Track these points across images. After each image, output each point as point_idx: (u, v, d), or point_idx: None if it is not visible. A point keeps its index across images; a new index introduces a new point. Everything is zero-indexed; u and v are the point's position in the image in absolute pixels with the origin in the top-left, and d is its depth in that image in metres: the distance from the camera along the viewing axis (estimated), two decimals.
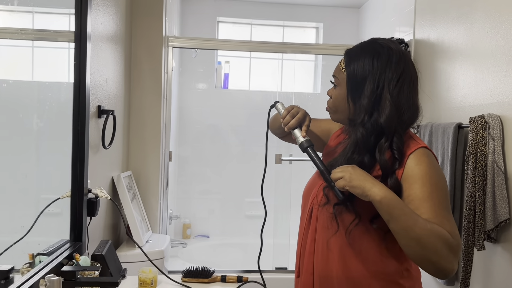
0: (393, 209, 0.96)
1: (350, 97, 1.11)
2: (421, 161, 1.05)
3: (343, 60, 1.16)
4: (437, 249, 0.94)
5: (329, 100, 1.19)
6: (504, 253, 1.71)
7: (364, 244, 1.10)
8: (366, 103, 1.08)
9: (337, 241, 1.11)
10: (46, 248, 1.32)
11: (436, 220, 0.97)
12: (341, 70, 1.15)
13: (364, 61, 1.10)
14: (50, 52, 1.45)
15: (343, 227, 1.09)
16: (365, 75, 1.09)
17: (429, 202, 1.00)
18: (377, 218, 1.03)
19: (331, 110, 1.19)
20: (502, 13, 1.77)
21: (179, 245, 3.38)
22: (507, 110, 1.71)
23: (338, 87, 1.15)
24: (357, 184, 0.98)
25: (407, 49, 2.57)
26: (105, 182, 2.01)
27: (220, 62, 3.81)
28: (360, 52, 1.13)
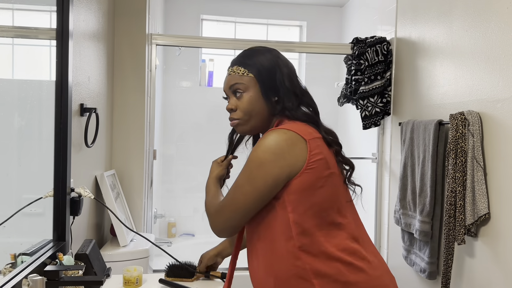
0: (205, 190, 1.34)
1: (268, 91, 1.17)
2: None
3: (236, 68, 1.19)
4: (206, 210, 1.25)
5: (235, 112, 1.19)
6: (483, 247, 1.76)
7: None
8: (288, 87, 1.17)
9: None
10: (29, 248, 1.31)
11: (229, 189, 1.15)
12: (242, 75, 1.18)
13: (261, 58, 1.19)
14: (31, 49, 1.43)
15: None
16: (272, 65, 1.18)
17: (238, 175, 1.14)
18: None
19: (242, 120, 1.18)
20: (480, 12, 1.81)
21: (164, 244, 3.37)
22: (486, 107, 1.75)
23: (246, 93, 1.17)
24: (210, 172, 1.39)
25: (389, 47, 2.61)
26: (88, 181, 2.00)
27: (204, 60, 3.81)
28: (251, 54, 1.21)
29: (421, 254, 2.08)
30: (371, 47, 2.58)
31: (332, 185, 1.10)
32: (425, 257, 2.04)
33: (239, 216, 1.11)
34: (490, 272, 1.71)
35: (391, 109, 2.63)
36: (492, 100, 1.71)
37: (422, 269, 2.06)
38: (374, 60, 2.58)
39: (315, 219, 1.07)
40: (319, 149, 1.08)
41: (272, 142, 1.06)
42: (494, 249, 1.69)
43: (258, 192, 1.07)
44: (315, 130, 1.13)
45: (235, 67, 1.19)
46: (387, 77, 2.60)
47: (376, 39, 2.61)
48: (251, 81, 1.17)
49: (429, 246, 2.01)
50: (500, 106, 1.67)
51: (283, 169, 1.05)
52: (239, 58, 1.21)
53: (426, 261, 2.03)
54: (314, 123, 1.15)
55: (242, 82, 1.17)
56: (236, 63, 1.20)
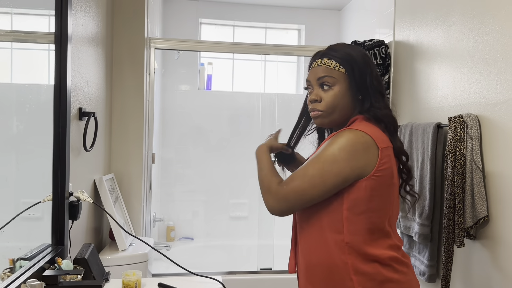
0: (257, 157, 1.26)
1: (357, 88, 1.18)
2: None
3: (327, 61, 1.19)
4: (262, 185, 1.19)
5: (319, 104, 1.19)
6: (482, 249, 1.75)
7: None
8: (376, 87, 1.18)
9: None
10: (27, 253, 1.30)
11: (292, 175, 1.15)
12: (333, 69, 1.17)
13: (353, 54, 1.19)
14: (29, 54, 1.43)
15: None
16: (364, 64, 1.19)
17: (304, 164, 1.15)
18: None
19: (325, 113, 1.19)
20: (478, 15, 1.82)
21: (163, 247, 3.36)
22: (484, 109, 1.75)
23: (335, 86, 1.17)
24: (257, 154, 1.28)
25: (387, 50, 2.62)
26: (86, 185, 1.99)
27: (203, 63, 3.81)
28: (343, 49, 1.20)
29: (420, 257, 2.08)
30: (369, 50, 2.59)
31: (390, 196, 1.15)
32: (424, 260, 2.04)
33: (301, 204, 1.12)
34: (489, 274, 1.71)
35: None
36: (491, 103, 1.72)
37: (421, 272, 2.06)
38: None
39: (367, 223, 1.12)
40: (388, 158, 1.12)
41: (349, 142, 1.09)
42: (494, 252, 1.69)
43: (327, 186, 1.09)
44: (387, 138, 1.16)
45: (326, 60, 1.19)
46: (385, 80, 2.61)
47: (374, 42, 2.61)
48: (341, 76, 1.17)
49: (429, 249, 2.01)
50: (498, 108, 1.67)
51: (354, 170, 1.09)
52: (330, 52, 1.20)
53: (425, 264, 2.03)
54: (395, 128, 1.20)
55: (333, 76, 1.17)
56: (327, 56, 1.20)
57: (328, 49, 1.22)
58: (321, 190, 1.10)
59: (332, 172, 1.08)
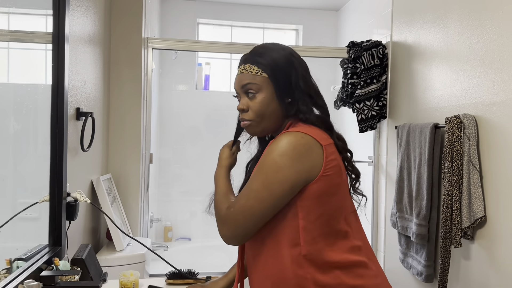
0: (214, 181, 1.19)
1: (282, 92, 1.12)
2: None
3: (249, 66, 1.13)
4: (215, 213, 1.12)
5: (247, 113, 1.13)
6: (479, 249, 1.76)
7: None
8: (303, 88, 1.12)
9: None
10: (24, 253, 1.30)
11: (237, 195, 1.08)
12: (256, 74, 1.11)
13: (275, 56, 1.13)
14: (27, 53, 1.42)
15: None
16: (286, 65, 1.13)
17: (250, 178, 1.07)
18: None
19: (254, 122, 1.13)
20: (475, 16, 1.82)
21: (160, 248, 3.36)
22: (482, 110, 1.76)
23: (259, 93, 1.11)
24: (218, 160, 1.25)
25: (385, 51, 2.62)
26: (84, 185, 1.99)
27: (200, 63, 3.81)
28: (264, 51, 1.14)
29: (418, 257, 2.08)
30: (367, 51, 2.59)
31: (342, 193, 1.09)
32: (422, 260, 2.04)
33: (253, 223, 1.03)
34: (486, 274, 1.72)
35: (387, 112, 2.63)
36: (488, 104, 1.72)
37: (419, 272, 2.06)
38: (370, 64, 2.59)
39: (324, 227, 1.05)
40: (334, 155, 1.06)
41: (289, 146, 1.02)
42: (491, 252, 1.70)
43: (275, 198, 1.01)
44: (328, 135, 1.10)
45: (248, 65, 1.13)
46: (383, 80, 2.61)
47: (372, 42, 2.62)
48: (264, 81, 1.11)
49: (426, 249, 2.02)
50: (495, 109, 1.68)
51: (300, 174, 1.01)
52: (252, 56, 1.14)
53: (423, 264, 2.03)
54: (327, 127, 1.12)
55: (255, 82, 1.11)
56: (249, 61, 1.13)
57: (250, 53, 1.16)
58: (269, 203, 1.01)
59: (278, 182, 1.00)
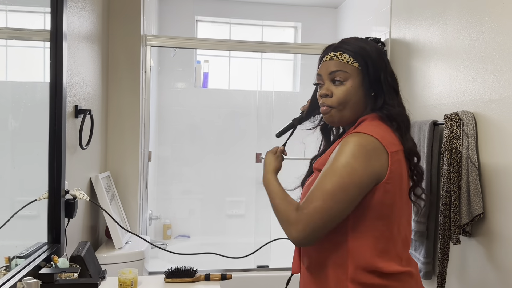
0: (266, 187, 1.18)
1: (371, 85, 1.13)
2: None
3: (340, 54, 1.13)
4: (279, 216, 1.09)
5: (330, 99, 1.13)
6: (478, 246, 1.76)
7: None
8: (391, 84, 1.14)
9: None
10: (23, 251, 1.30)
11: (307, 196, 1.05)
12: (346, 63, 1.12)
13: (368, 49, 1.14)
14: (24, 51, 1.42)
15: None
16: (378, 59, 1.14)
17: (318, 180, 1.06)
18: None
19: (337, 108, 1.13)
20: (474, 13, 1.82)
21: (159, 246, 3.36)
22: (480, 107, 1.76)
23: (347, 82, 1.11)
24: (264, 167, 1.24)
25: (384, 48, 2.62)
26: (83, 183, 1.99)
27: (199, 61, 3.80)
28: (356, 43, 1.15)
29: (416, 254, 2.09)
30: None
31: (398, 202, 1.10)
32: (420, 257, 2.05)
33: (328, 225, 1.03)
34: (485, 271, 1.72)
35: None
36: (486, 101, 1.72)
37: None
38: None
39: (375, 232, 1.08)
40: (398, 163, 1.07)
41: (361, 148, 1.03)
42: (489, 249, 1.70)
43: (351, 199, 1.03)
44: (398, 139, 1.10)
45: (339, 53, 1.13)
46: None
47: (370, 40, 2.61)
48: (354, 71, 1.12)
49: (425, 246, 2.02)
50: (494, 106, 1.68)
51: (372, 176, 1.03)
52: (343, 45, 1.14)
53: (421, 261, 2.04)
54: (406, 126, 1.13)
55: (345, 71, 1.12)
56: (340, 49, 1.14)
57: (341, 42, 1.17)
58: (346, 205, 1.02)
59: (353, 183, 1.01)
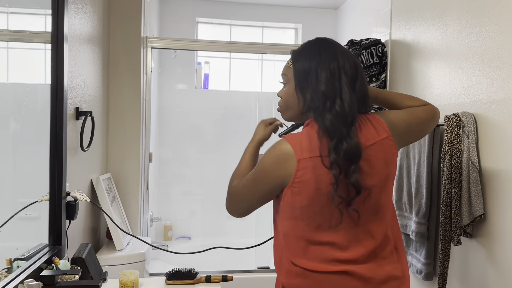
0: (244, 153, 1.33)
1: (299, 88, 1.17)
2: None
3: (289, 59, 1.22)
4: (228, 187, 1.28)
5: (279, 100, 1.26)
6: (479, 247, 1.76)
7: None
8: (324, 88, 1.11)
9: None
10: (24, 253, 1.30)
11: (246, 176, 1.22)
12: (288, 67, 1.21)
13: (310, 52, 1.17)
14: (26, 53, 1.42)
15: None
16: (314, 63, 1.15)
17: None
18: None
19: (282, 108, 1.25)
20: (474, 14, 1.82)
21: (160, 247, 3.36)
22: (481, 108, 1.76)
23: (287, 84, 1.21)
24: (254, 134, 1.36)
25: (384, 49, 2.62)
26: (83, 184, 1.99)
27: (199, 62, 3.80)
28: (306, 47, 1.21)
29: (417, 255, 2.09)
30: (366, 49, 2.59)
31: (316, 204, 1.12)
32: (421, 258, 2.05)
33: (246, 205, 1.22)
34: (486, 272, 1.72)
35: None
36: (487, 102, 1.72)
37: (418, 270, 2.06)
38: (369, 62, 2.59)
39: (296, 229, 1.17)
40: (309, 169, 1.09)
41: (275, 152, 1.13)
42: (490, 250, 1.70)
43: (259, 192, 1.18)
44: (320, 146, 1.08)
45: (289, 58, 1.22)
46: (382, 79, 2.61)
47: (371, 41, 2.61)
48: (291, 73, 1.20)
49: (425, 247, 2.02)
50: (494, 107, 1.68)
51: (276, 180, 1.14)
52: (298, 49, 1.23)
53: (422, 262, 2.03)
54: (335, 133, 1.08)
55: (285, 74, 1.22)
56: (292, 53, 1.22)
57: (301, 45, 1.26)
58: (254, 194, 1.18)
59: (262, 179, 1.16)
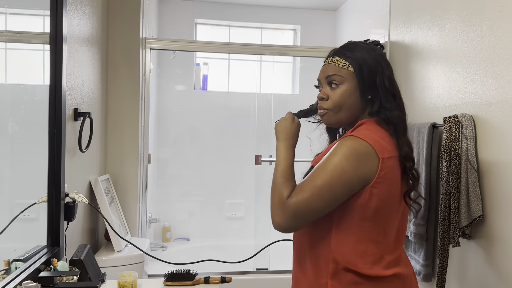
0: (276, 157, 1.20)
1: (366, 88, 1.17)
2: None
3: (337, 59, 1.19)
4: (272, 194, 1.12)
5: (325, 102, 1.19)
6: (478, 248, 1.76)
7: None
8: (388, 88, 1.17)
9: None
10: (23, 254, 1.30)
11: (298, 186, 1.10)
12: (342, 67, 1.18)
13: (364, 53, 1.18)
14: (24, 54, 1.42)
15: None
16: (374, 64, 1.18)
17: (310, 174, 1.11)
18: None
19: (331, 111, 1.19)
20: (473, 16, 1.83)
21: (159, 248, 3.35)
22: (479, 109, 1.76)
23: (342, 85, 1.17)
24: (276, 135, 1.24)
25: (383, 50, 2.62)
26: (82, 186, 1.99)
27: (198, 63, 3.80)
28: (354, 48, 1.20)
29: (416, 256, 2.09)
30: None
31: (389, 206, 1.12)
32: (420, 259, 2.05)
33: (312, 218, 1.09)
34: (485, 273, 1.72)
35: None
36: (485, 103, 1.73)
37: (417, 272, 2.06)
38: None
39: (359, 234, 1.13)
40: (390, 169, 1.10)
41: (353, 150, 1.08)
42: (489, 251, 1.70)
43: (336, 198, 1.08)
44: (393, 145, 1.14)
45: (336, 58, 1.19)
46: None
47: (369, 42, 2.62)
48: (349, 75, 1.17)
49: (424, 249, 2.02)
50: (493, 109, 1.68)
51: (359, 179, 1.08)
52: (342, 50, 1.21)
53: (421, 264, 2.03)
54: (403, 129, 1.17)
55: (340, 75, 1.18)
56: (338, 54, 1.20)
57: (341, 47, 1.23)
58: (330, 203, 1.08)
59: (341, 184, 1.07)
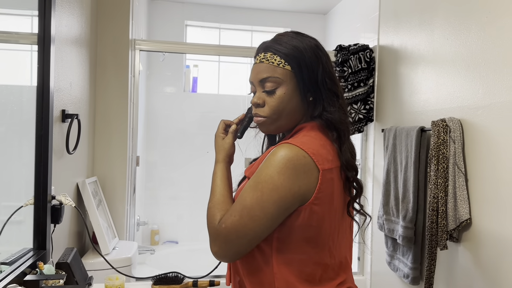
0: (212, 180, 1.09)
1: (307, 89, 1.00)
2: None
3: (270, 56, 1.01)
4: (207, 221, 1.00)
5: (262, 109, 1.03)
6: (465, 251, 1.78)
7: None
8: (329, 86, 1.00)
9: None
10: (8, 258, 1.27)
11: (229, 209, 0.97)
12: (277, 66, 1.00)
13: (300, 46, 1.00)
14: (11, 54, 1.40)
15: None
16: (314, 58, 1.00)
17: (241, 192, 0.97)
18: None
19: (269, 119, 1.02)
20: (461, 21, 1.85)
21: (147, 251, 3.33)
22: (467, 113, 1.78)
23: (279, 88, 1.00)
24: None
25: (372, 54, 2.64)
26: (69, 188, 1.96)
27: (188, 65, 3.79)
28: (288, 40, 1.02)
29: (404, 259, 2.10)
30: (354, 54, 2.61)
31: (330, 222, 0.98)
32: (408, 262, 2.06)
33: (247, 242, 0.94)
34: (472, 276, 1.74)
35: (374, 115, 2.66)
36: (473, 107, 1.75)
37: (405, 275, 2.08)
38: (357, 67, 2.61)
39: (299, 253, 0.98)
40: (330, 182, 0.95)
41: (289, 163, 0.91)
42: (476, 254, 1.72)
43: (269, 218, 0.92)
44: (335, 153, 0.98)
45: (269, 55, 1.01)
46: (370, 84, 2.63)
47: (359, 46, 2.64)
48: (287, 75, 0.99)
49: (412, 252, 2.03)
50: (480, 113, 1.70)
51: (295, 196, 0.92)
52: (274, 44, 1.02)
53: (409, 267, 2.05)
54: (345, 136, 1.01)
55: (276, 76, 1.00)
56: (270, 49, 1.01)
57: (272, 40, 1.04)
58: (263, 223, 0.92)
59: (273, 201, 0.91)
